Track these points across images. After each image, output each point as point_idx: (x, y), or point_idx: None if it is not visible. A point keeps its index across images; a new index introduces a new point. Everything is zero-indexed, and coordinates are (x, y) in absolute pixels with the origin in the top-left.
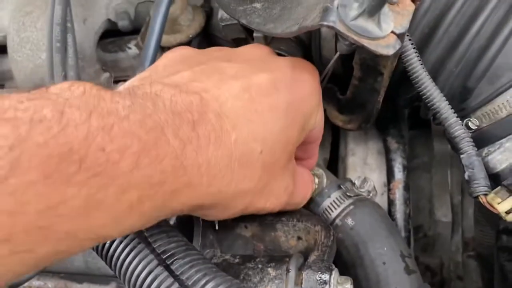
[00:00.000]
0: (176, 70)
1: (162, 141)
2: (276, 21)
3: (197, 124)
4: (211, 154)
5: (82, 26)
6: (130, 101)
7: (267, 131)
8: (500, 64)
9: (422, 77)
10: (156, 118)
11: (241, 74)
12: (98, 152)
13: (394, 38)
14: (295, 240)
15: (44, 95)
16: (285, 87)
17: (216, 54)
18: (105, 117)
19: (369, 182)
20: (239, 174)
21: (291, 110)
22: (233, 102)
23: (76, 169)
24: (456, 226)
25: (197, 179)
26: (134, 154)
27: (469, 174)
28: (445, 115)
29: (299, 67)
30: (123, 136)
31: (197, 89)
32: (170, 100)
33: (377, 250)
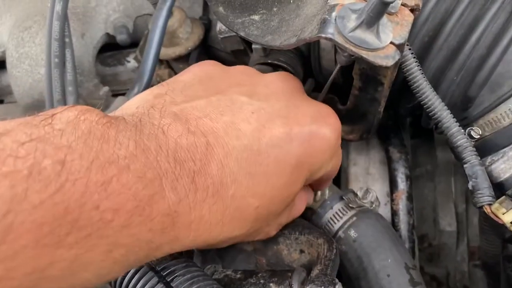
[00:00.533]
0: (193, 95)
1: (157, 196)
2: (275, 33)
3: (197, 176)
4: (205, 210)
5: (81, 40)
6: (134, 142)
7: (268, 187)
8: (501, 73)
9: (423, 86)
10: (156, 167)
11: (256, 119)
12: (92, 211)
13: (393, 49)
14: (297, 253)
15: (47, 131)
16: (299, 142)
17: (239, 80)
18: (105, 168)
19: (371, 193)
20: (229, 227)
21: (300, 167)
22: (238, 153)
23: (68, 231)
24: (461, 235)
25: (185, 234)
26: (127, 212)
27: (473, 184)
28: (447, 125)
29: (321, 120)
30: (120, 193)
31: (206, 129)
32: (175, 144)
33: (381, 262)
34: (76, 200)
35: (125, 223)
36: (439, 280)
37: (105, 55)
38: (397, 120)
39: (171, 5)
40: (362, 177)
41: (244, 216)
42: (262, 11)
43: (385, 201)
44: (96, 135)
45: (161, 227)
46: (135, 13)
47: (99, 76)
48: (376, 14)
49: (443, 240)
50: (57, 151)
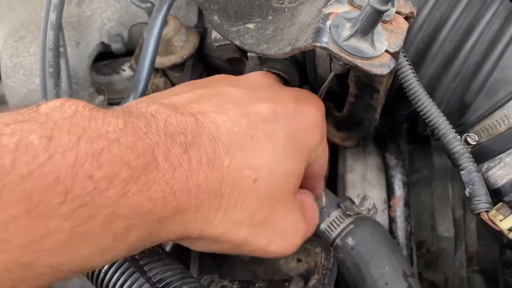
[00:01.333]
0: (178, 91)
1: (151, 166)
2: (270, 41)
3: (189, 147)
4: (202, 178)
5: (76, 49)
6: (123, 121)
7: (263, 160)
8: (496, 79)
9: (419, 93)
10: (147, 140)
11: (241, 100)
12: (85, 180)
13: (388, 57)
14: (295, 262)
15: (33, 116)
16: (285, 117)
17: (221, 79)
18: (94, 140)
19: (368, 200)
20: (230, 201)
21: (291, 141)
22: (229, 126)
23: (61, 200)
24: (459, 241)
25: (186, 203)
26: (122, 181)
27: (470, 191)
28: (443, 131)
29: (303, 99)
30: (112, 162)
31: (194, 110)
32: (165, 121)
33: (379, 270)
34: (66, 170)
35: (122, 192)
36: (438, 286)
37: (100, 64)
38: (393, 127)
39: (166, 13)
40: (359, 184)
41: (244, 190)
42: (257, 20)
43: (382, 208)
44: (83, 114)
45: (160, 195)
46: (130, 21)
47: (94, 85)
48: (370, 23)
49: (441, 246)
50: (43, 128)
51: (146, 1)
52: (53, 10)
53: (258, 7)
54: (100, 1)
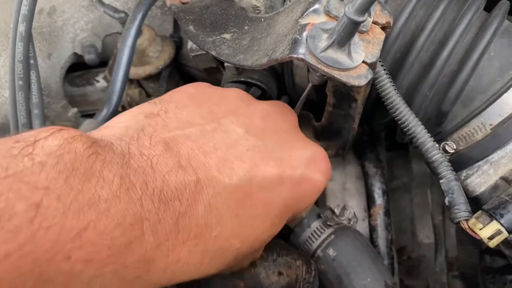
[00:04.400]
0: (186, 121)
1: (135, 243)
2: (246, 52)
3: (181, 217)
4: (184, 253)
5: (47, 61)
6: (119, 179)
7: (252, 229)
8: (472, 87)
9: (396, 102)
10: (139, 209)
11: (250, 156)
12: (62, 261)
13: (365, 68)
14: (276, 276)
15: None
16: (290, 184)
17: (235, 107)
18: (82, 212)
19: (349, 210)
20: (208, 266)
21: (287, 209)
22: (228, 194)
23: (32, 285)
24: (439, 247)
25: (159, 278)
26: (100, 262)
27: (449, 200)
28: (421, 140)
29: (313, 165)
30: (94, 242)
31: (198, 164)
32: (163, 181)
33: (360, 281)
34: (46, 251)
35: (96, 274)
36: None
37: (73, 75)
38: (372, 135)
39: (140, 23)
40: (339, 193)
41: (225, 257)
42: (233, 30)
43: (362, 217)
44: (79, 171)
45: (134, 275)
46: (103, 32)
47: (67, 97)
48: (347, 34)
49: (421, 252)
50: (33, 192)
51: (119, 11)
52: (22, 20)
53: (234, 17)
54: (72, 11)
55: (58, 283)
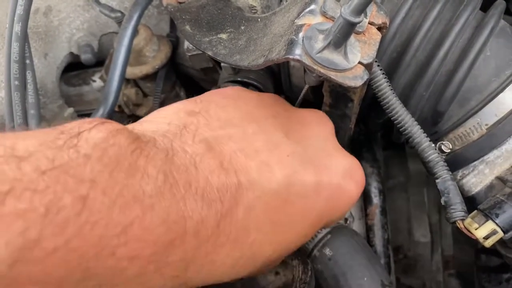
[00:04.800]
0: (227, 121)
1: (177, 241)
2: (242, 52)
3: (222, 218)
4: (221, 255)
5: (43, 61)
6: (163, 176)
7: (286, 238)
8: (468, 87)
9: (393, 102)
10: (183, 207)
11: (290, 161)
12: (108, 257)
13: (361, 69)
14: (273, 275)
15: (71, 157)
16: (326, 195)
17: (274, 110)
18: (128, 207)
19: None
20: (238, 271)
21: (320, 219)
22: (267, 199)
23: (79, 279)
24: (435, 246)
25: (193, 277)
26: (143, 259)
27: (445, 200)
28: (417, 140)
29: (349, 176)
30: (139, 239)
31: (239, 167)
32: (206, 182)
33: (357, 281)
34: (92, 245)
35: (139, 272)
36: None
37: (69, 74)
38: (368, 135)
39: (137, 23)
40: None
41: (255, 263)
42: (230, 30)
43: (359, 216)
44: (123, 165)
45: (173, 274)
46: (99, 31)
47: (63, 96)
48: (343, 35)
49: (418, 251)
50: (79, 185)
51: (115, 11)
52: (18, 20)
53: (231, 17)
54: (68, 11)
55: (103, 279)
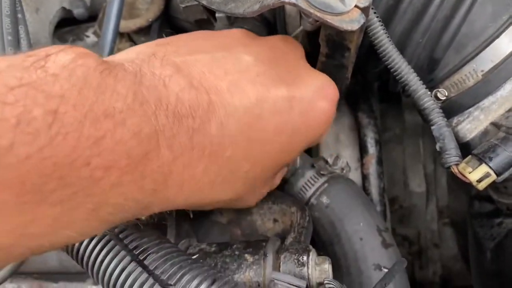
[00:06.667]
0: (197, 49)
1: (152, 154)
2: (237, 0)
3: (195, 133)
4: (199, 169)
5: (35, 16)
6: (133, 93)
7: (262, 153)
8: (465, 33)
9: (389, 50)
10: (154, 122)
11: (261, 80)
12: (82, 167)
13: (358, 13)
14: (271, 223)
15: (40, 76)
16: (299, 110)
17: (243, 41)
18: (99, 121)
19: (341, 159)
20: (219, 189)
21: (296, 136)
22: (240, 115)
23: (54, 187)
24: (430, 196)
25: (176, 194)
26: (119, 170)
27: (440, 145)
28: (414, 87)
29: (321, 92)
30: (113, 149)
31: (209, 85)
32: (176, 97)
33: (353, 226)
34: (66, 155)
35: (115, 182)
36: (411, 240)
37: (63, 30)
38: (365, 86)
39: None
40: (332, 144)
41: (235, 179)
42: None
43: (355, 166)
44: (92, 84)
45: (152, 186)
46: None
47: None
48: None
49: (413, 202)
50: (49, 100)
51: None
52: None
53: None
54: None
55: (79, 188)
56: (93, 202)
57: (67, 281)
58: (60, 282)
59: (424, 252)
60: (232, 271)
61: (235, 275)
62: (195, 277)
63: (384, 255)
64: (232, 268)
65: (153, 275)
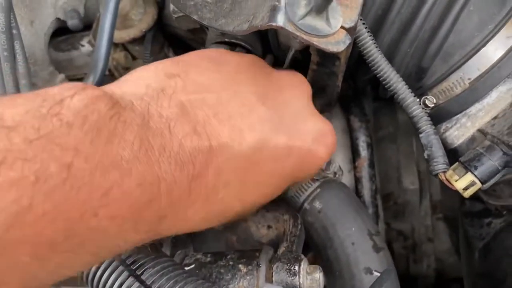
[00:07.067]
0: (205, 86)
1: (153, 203)
2: (228, 16)
3: (194, 179)
4: (191, 212)
5: (30, 28)
6: (139, 140)
7: (255, 195)
8: (452, 43)
9: (378, 59)
10: (157, 170)
11: (261, 127)
12: (91, 218)
13: (343, 34)
14: (265, 229)
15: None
16: (296, 158)
17: (253, 76)
18: (108, 171)
19: (334, 164)
20: (208, 223)
21: (288, 179)
22: (237, 161)
23: (64, 239)
24: (423, 192)
25: (166, 233)
26: (123, 219)
27: (428, 153)
28: (402, 96)
29: (321, 140)
30: (119, 200)
31: (212, 131)
32: (179, 145)
33: (345, 231)
34: (77, 209)
35: (119, 229)
36: (405, 235)
37: (58, 40)
38: (357, 90)
39: None
40: None
41: (225, 215)
42: None
43: (349, 168)
44: (103, 132)
45: (147, 229)
46: None
47: (53, 63)
48: (325, 0)
49: (407, 198)
50: (64, 154)
51: None
52: None
53: None
54: None
55: (86, 238)
56: (95, 247)
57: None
58: None
59: (419, 246)
60: (226, 281)
61: (229, 285)
62: None
63: (375, 259)
64: (227, 278)
65: None
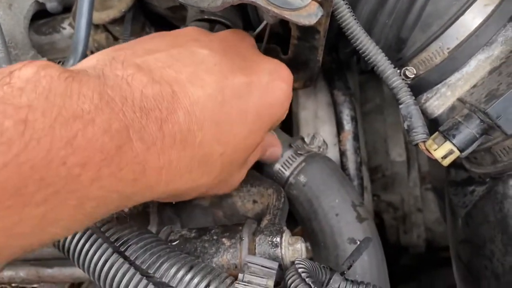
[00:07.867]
0: (153, 49)
1: (125, 147)
2: None
3: (164, 123)
4: (174, 156)
5: (9, 12)
6: (98, 94)
7: (232, 135)
8: (430, 13)
9: (357, 32)
10: (122, 118)
11: (218, 69)
12: (59, 167)
13: (315, 6)
14: (251, 204)
15: (6, 92)
16: (258, 91)
17: (194, 37)
18: (69, 123)
19: (318, 138)
20: (197, 173)
21: (259, 116)
22: (204, 102)
23: (35, 189)
24: (412, 163)
25: (156, 181)
26: (95, 165)
27: (408, 123)
28: (382, 68)
29: (276, 74)
30: (86, 147)
31: (170, 78)
32: (141, 93)
33: (329, 203)
34: (42, 158)
35: (94, 176)
36: (395, 206)
37: (38, 23)
38: (341, 63)
39: None
40: (311, 121)
41: (211, 162)
42: None
43: (334, 142)
44: (58, 90)
45: (132, 176)
46: None
47: (35, 47)
48: None
49: (395, 170)
50: (18, 111)
51: None
52: None
53: None
54: None
55: (60, 187)
56: (75, 198)
57: (62, 266)
58: (55, 268)
59: (408, 217)
60: (210, 255)
61: (213, 259)
62: (173, 265)
63: (359, 229)
64: (211, 252)
65: (134, 265)
